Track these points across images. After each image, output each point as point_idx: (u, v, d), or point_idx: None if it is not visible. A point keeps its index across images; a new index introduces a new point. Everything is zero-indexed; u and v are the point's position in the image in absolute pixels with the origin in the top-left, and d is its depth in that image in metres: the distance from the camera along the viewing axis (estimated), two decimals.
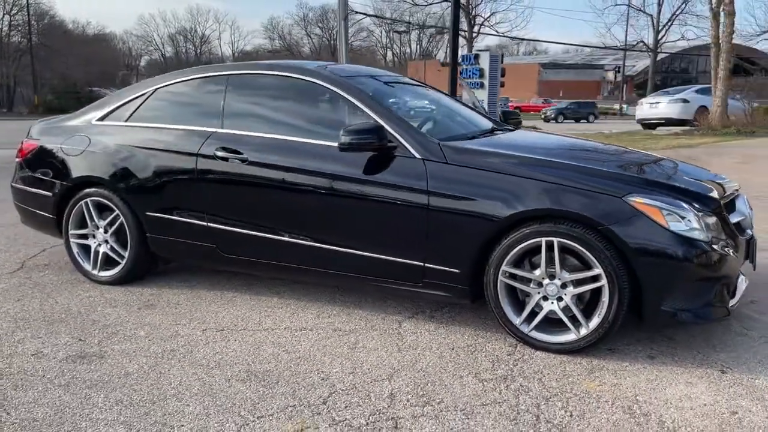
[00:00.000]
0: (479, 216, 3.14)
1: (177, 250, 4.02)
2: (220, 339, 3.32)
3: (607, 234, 2.93)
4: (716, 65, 18.11)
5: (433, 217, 3.24)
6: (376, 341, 3.29)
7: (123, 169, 4.00)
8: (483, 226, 3.14)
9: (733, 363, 3.02)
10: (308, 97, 3.81)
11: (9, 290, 4.14)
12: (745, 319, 3.56)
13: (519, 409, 2.60)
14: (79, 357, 3.11)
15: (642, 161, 3.74)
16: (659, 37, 28.97)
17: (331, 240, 3.52)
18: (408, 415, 2.55)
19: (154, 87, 4.17)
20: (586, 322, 3.04)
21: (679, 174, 3.48)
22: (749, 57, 43.10)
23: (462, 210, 3.18)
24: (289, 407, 2.61)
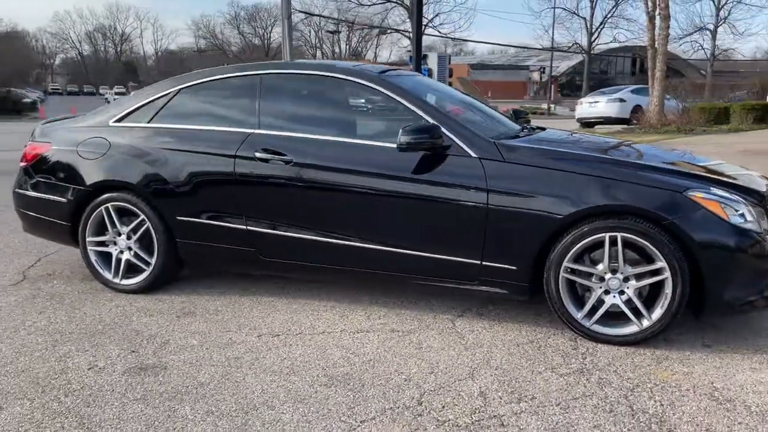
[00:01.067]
0: (541, 213, 3.19)
1: (210, 255, 3.89)
2: (281, 345, 3.24)
3: (671, 228, 3.03)
4: (653, 66, 18.96)
5: (492, 215, 3.26)
6: (438, 341, 3.28)
7: (150, 173, 3.84)
8: (545, 223, 3.19)
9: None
10: (353, 98, 3.76)
11: (24, 303, 3.90)
12: None
13: (609, 401, 2.66)
14: (141, 369, 2.97)
15: (681, 157, 3.88)
16: (592, 39, 30.05)
17: (382, 240, 3.49)
18: (508, 413, 2.56)
19: (178, 87, 4.02)
20: (648, 314, 3.14)
21: (723, 168, 3.64)
22: None
23: (523, 207, 3.22)
24: (387, 410, 2.58)
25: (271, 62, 4.34)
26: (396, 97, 3.58)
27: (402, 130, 3.30)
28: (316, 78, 3.85)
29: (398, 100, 3.57)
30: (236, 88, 3.94)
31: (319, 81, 3.84)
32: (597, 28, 29.64)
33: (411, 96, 3.59)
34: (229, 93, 3.96)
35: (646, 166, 3.31)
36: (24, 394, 2.73)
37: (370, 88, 3.66)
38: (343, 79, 3.74)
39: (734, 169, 3.76)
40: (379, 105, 3.80)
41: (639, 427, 2.45)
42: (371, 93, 3.70)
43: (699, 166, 3.62)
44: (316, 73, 3.86)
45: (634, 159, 3.47)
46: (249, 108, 3.83)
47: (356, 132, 3.67)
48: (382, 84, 3.64)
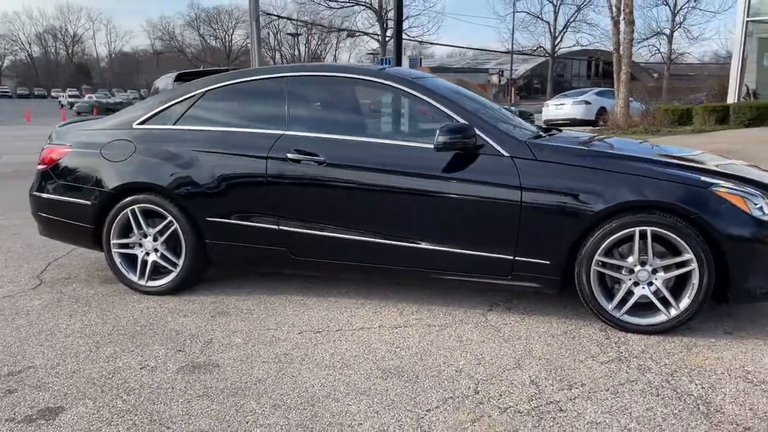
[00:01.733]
0: (574, 209, 3.34)
1: (240, 255, 3.93)
2: (324, 341, 3.31)
3: (699, 222, 3.20)
4: (618, 70, 19.49)
5: (525, 211, 3.40)
6: (476, 334, 3.40)
7: (179, 174, 3.87)
8: (578, 218, 3.33)
9: None
10: (383, 99, 3.85)
11: (50, 306, 3.88)
12: None
13: (654, 385, 2.81)
14: (194, 367, 3.00)
15: (698, 156, 4.05)
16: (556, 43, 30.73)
17: (416, 238, 3.59)
18: (563, 398, 2.69)
19: (204, 89, 4.05)
20: (676, 304, 3.31)
21: (734, 165, 3.85)
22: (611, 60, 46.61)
23: (556, 204, 3.36)
24: (448, 399, 2.68)
25: (299, 64, 4.40)
26: (427, 98, 3.68)
27: (439, 130, 3.41)
28: (344, 80, 3.94)
29: (429, 102, 3.67)
30: (263, 89, 3.99)
31: (347, 83, 3.93)
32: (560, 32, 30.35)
33: (441, 98, 3.70)
34: (256, 95, 4.01)
35: (670, 163, 3.48)
36: (83, 394, 2.75)
37: (400, 90, 3.75)
38: (372, 81, 3.83)
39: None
40: (407, 107, 3.89)
41: (688, 409, 2.60)
42: (401, 95, 3.79)
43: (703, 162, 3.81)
44: (345, 76, 3.94)
45: (658, 156, 3.63)
46: (278, 110, 3.89)
47: (385, 133, 3.76)
48: (412, 86, 3.74)
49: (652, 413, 2.57)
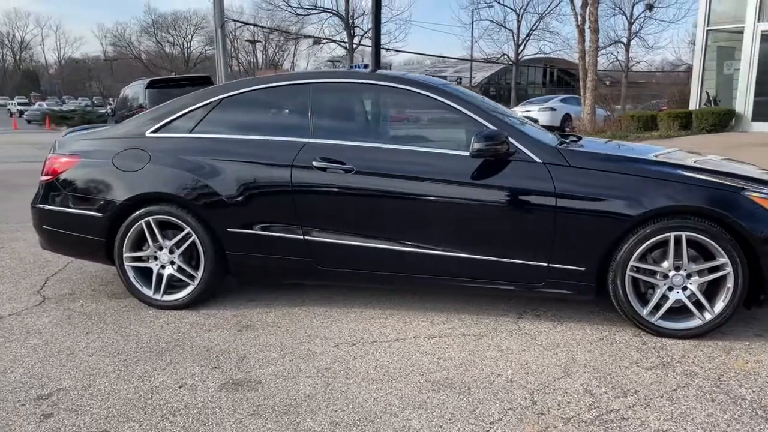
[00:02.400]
0: (609, 215, 3.34)
1: (263, 267, 3.82)
2: (363, 353, 3.23)
3: (733, 226, 3.24)
4: (584, 77, 19.88)
5: (560, 218, 3.38)
6: (514, 343, 3.36)
7: (198, 184, 3.74)
8: (613, 224, 3.33)
9: None
10: (410, 107, 3.80)
11: (62, 324, 3.70)
12: None
13: (705, 390, 2.81)
14: (236, 384, 2.89)
15: (721, 162, 4.08)
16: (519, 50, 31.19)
17: (447, 246, 3.54)
18: (622, 407, 2.67)
19: (221, 96, 3.93)
20: (711, 308, 3.33)
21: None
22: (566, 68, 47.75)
23: (592, 210, 3.36)
24: (508, 410, 2.64)
25: (320, 71, 4.33)
26: (456, 105, 3.64)
27: (475, 137, 3.37)
28: (370, 87, 3.87)
29: (458, 109, 3.63)
30: (284, 97, 3.90)
31: (372, 90, 3.86)
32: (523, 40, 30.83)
33: (470, 104, 3.66)
34: (276, 102, 3.91)
35: (702, 169, 3.51)
36: (126, 417, 2.61)
37: (428, 96, 3.70)
38: (399, 88, 3.77)
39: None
40: (432, 113, 3.84)
41: (747, 413, 2.61)
42: (429, 102, 3.74)
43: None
44: (370, 83, 3.87)
45: (686, 162, 3.66)
46: (300, 117, 3.80)
47: (412, 140, 3.71)
48: (440, 93, 3.70)
49: (714, 419, 2.57)
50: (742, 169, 3.81)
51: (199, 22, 64.82)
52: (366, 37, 28.21)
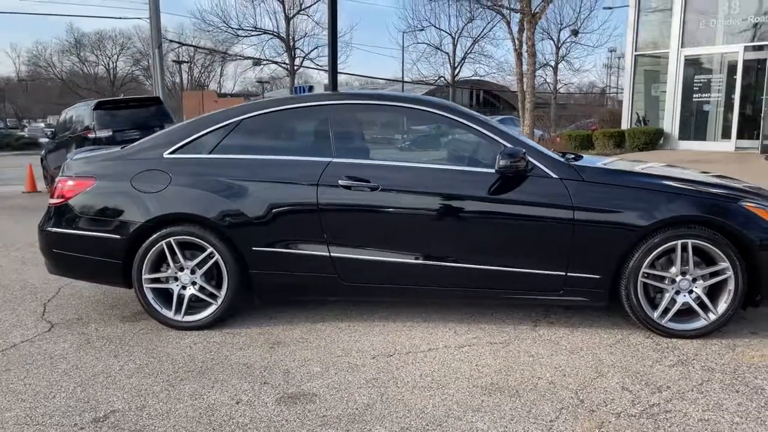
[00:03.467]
0: (623, 225, 3.60)
1: (287, 285, 3.88)
2: (403, 364, 3.34)
3: (734, 233, 3.56)
4: (523, 99, 20.69)
5: (578, 229, 3.62)
6: (541, 348, 3.55)
7: (222, 204, 3.77)
8: (627, 234, 3.59)
9: None
10: (429, 126, 3.97)
11: (84, 348, 3.64)
12: None
13: (728, 383, 3.08)
14: (292, 398, 2.95)
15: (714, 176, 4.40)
16: (455, 73, 32.13)
17: (470, 259, 3.72)
18: (661, 401, 2.90)
19: (240, 118, 3.98)
20: (714, 309, 3.63)
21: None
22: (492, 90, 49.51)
23: (607, 221, 3.61)
24: (562, 409, 2.81)
25: (341, 92, 4.43)
26: (473, 125, 3.84)
27: (500, 154, 3.58)
28: (390, 108, 4.02)
29: (475, 128, 3.83)
30: (304, 117, 4.00)
31: (392, 111, 4.01)
32: (459, 62, 31.80)
33: (485, 124, 3.87)
34: (296, 123, 4.01)
35: (702, 182, 3.83)
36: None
37: (446, 117, 3.89)
38: (418, 109, 3.94)
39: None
40: (452, 131, 4.02)
41: (765, 398, 2.88)
42: (447, 122, 3.92)
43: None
44: (390, 104, 4.02)
45: (685, 176, 3.98)
46: (322, 137, 3.91)
47: (434, 158, 3.88)
48: (457, 114, 3.89)
49: (745, 407, 2.82)
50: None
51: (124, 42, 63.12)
52: (308, 58, 28.48)
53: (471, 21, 29.34)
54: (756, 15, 16.39)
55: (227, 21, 28.44)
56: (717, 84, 17.04)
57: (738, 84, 16.22)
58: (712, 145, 16.86)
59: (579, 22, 29.60)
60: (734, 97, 16.34)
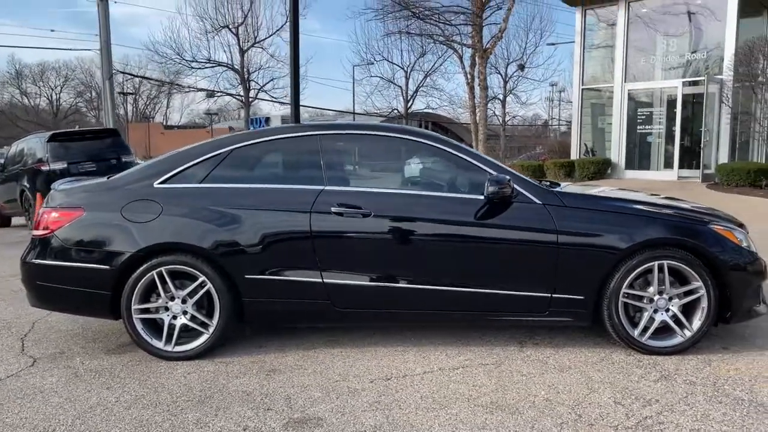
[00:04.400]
0: (604, 248, 3.79)
1: (280, 312, 3.92)
2: (402, 387, 3.41)
3: (706, 254, 3.79)
4: (476, 130, 21.23)
5: (562, 252, 3.80)
6: (531, 368, 3.68)
7: (216, 232, 3.80)
8: (608, 255, 3.79)
9: None
10: (416, 155, 4.11)
11: (73, 381, 3.58)
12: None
13: (710, 395, 3.26)
14: (299, 423, 2.99)
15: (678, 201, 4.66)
16: (408, 105, 32.70)
17: (461, 282, 3.84)
18: (653, 413, 3.05)
19: (230, 147, 4.04)
20: (690, 326, 3.84)
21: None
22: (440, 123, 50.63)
23: (588, 244, 3.80)
24: (563, 424, 2.93)
25: (330, 123, 4.53)
26: (459, 154, 4.00)
27: (488, 181, 3.74)
28: (380, 138, 4.15)
29: (461, 157, 3.99)
30: (294, 147, 4.08)
31: (382, 140, 4.14)
32: (411, 95, 32.44)
33: (471, 153, 4.04)
34: (286, 152, 4.09)
35: (674, 206, 4.08)
36: None
37: (433, 147, 4.04)
38: (405, 138, 4.09)
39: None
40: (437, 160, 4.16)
41: (752, 410, 3.07)
42: (434, 151, 4.07)
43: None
44: (381, 134, 4.16)
45: (653, 200, 4.22)
46: (313, 166, 3.99)
47: (423, 185, 4.02)
48: (444, 143, 4.05)
49: (730, 417, 3.00)
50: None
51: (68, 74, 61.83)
52: (263, 90, 28.53)
53: (423, 56, 29.98)
54: (690, 53, 17.38)
55: (181, 53, 28.33)
56: (659, 117, 17.91)
57: (678, 117, 17.07)
58: (656, 174, 17.62)
59: (525, 57, 30.64)
60: (675, 129, 17.17)
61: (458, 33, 21.01)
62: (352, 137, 4.20)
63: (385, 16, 20.33)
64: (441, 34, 21.03)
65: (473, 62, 20.70)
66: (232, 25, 28.42)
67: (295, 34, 11.43)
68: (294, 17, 11.48)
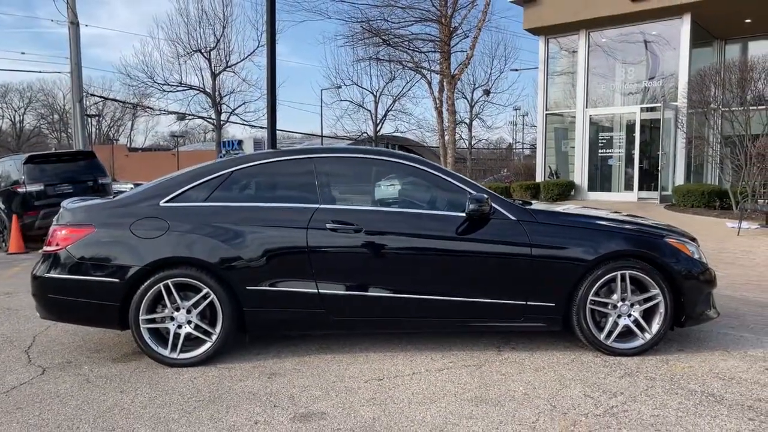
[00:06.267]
0: (573, 259, 4.22)
1: (278, 321, 4.23)
2: (394, 386, 3.75)
3: (663, 265, 4.24)
4: (444, 153, 21.81)
5: (536, 263, 4.21)
6: (510, 368, 4.06)
7: (219, 247, 4.12)
8: (576, 266, 4.21)
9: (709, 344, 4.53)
10: (401, 176, 4.49)
11: (86, 387, 3.84)
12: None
13: (667, 389, 3.68)
14: (305, 417, 3.30)
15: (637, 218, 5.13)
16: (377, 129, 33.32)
17: (445, 292, 4.22)
18: (618, 403, 3.45)
19: (232, 169, 4.38)
20: (650, 329, 4.28)
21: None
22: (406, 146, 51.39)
23: (559, 256, 4.23)
24: (540, 413, 3.31)
25: (323, 147, 4.91)
26: (442, 176, 4.41)
27: (469, 199, 4.14)
28: (370, 161, 4.54)
29: (444, 178, 4.40)
30: (290, 169, 4.44)
31: (371, 163, 4.53)
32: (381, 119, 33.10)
33: (452, 175, 4.46)
34: (283, 174, 4.43)
35: (632, 221, 4.54)
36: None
37: (418, 169, 4.44)
38: (393, 161, 4.49)
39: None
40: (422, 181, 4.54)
41: (704, 400, 3.50)
42: (419, 173, 4.46)
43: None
44: (370, 157, 4.56)
45: (615, 217, 4.68)
46: (308, 186, 4.35)
47: (410, 203, 4.41)
48: (427, 166, 4.46)
49: (684, 405, 3.42)
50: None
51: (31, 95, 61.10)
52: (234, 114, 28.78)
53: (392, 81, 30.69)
54: (648, 80, 18.28)
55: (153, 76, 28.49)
56: (619, 141, 18.72)
57: (637, 141, 17.90)
58: (617, 196, 18.36)
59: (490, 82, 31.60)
60: (634, 153, 17.98)
61: (427, 60, 21.68)
62: (348, 160, 4.58)
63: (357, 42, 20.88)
64: (410, 60, 21.66)
65: (441, 88, 21.33)
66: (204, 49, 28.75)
67: (272, 60, 11.78)
68: (271, 43, 11.84)
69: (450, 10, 19.67)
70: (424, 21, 19.38)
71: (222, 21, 28.92)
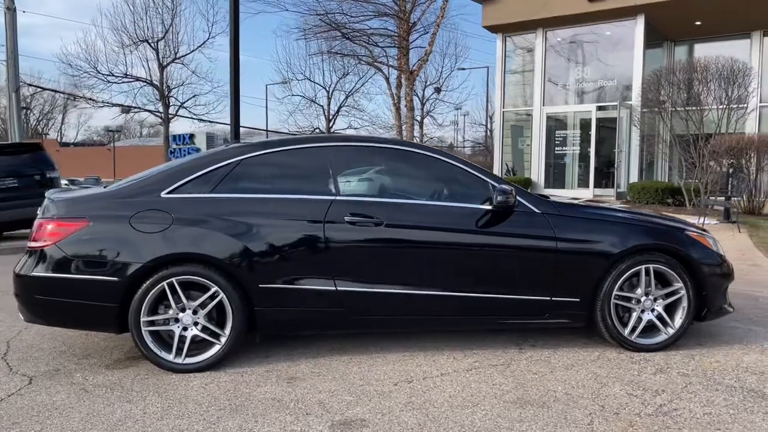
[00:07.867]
0: (599, 253, 4.09)
1: (293, 320, 3.94)
2: (427, 388, 3.53)
3: (686, 258, 4.17)
4: None
5: (561, 258, 4.06)
6: (539, 366, 3.90)
7: (229, 243, 3.80)
8: (602, 260, 4.09)
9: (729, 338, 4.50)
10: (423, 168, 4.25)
11: (86, 396, 3.47)
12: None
13: (705, 385, 3.59)
14: (344, 424, 3.05)
15: (650, 213, 5.09)
16: (330, 125, 32.86)
17: (469, 288, 4.02)
18: (664, 401, 3.33)
19: (240, 158, 4.05)
20: (673, 324, 4.20)
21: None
22: None
23: (585, 250, 4.09)
24: (591, 414, 3.16)
25: (339, 135, 4.59)
26: (464, 167, 4.21)
27: (495, 191, 3.95)
28: (387, 151, 4.29)
29: (466, 170, 4.20)
30: (304, 158, 4.14)
31: (389, 153, 4.28)
32: (333, 115, 32.66)
33: (475, 167, 4.25)
34: (296, 163, 4.13)
35: (649, 214, 4.45)
36: None
37: (440, 160, 4.22)
38: (410, 151, 4.25)
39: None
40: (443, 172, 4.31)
41: (747, 395, 3.41)
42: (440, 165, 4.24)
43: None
44: (388, 147, 4.31)
45: (633, 210, 4.58)
46: (323, 177, 4.07)
47: (430, 195, 4.19)
48: (450, 157, 4.25)
49: (730, 401, 3.33)
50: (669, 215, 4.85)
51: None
52: (183, 107, 27.79)
53: (345, 76, 30.34)
54: (603, 79, 18.60)
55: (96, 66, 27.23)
56: (575, 138, 18.98)
57: (593, 139, 18.17)
58: (573, 193, 18.59)
59: (441, 80, 31.67)
60: (590, 151, 18.26)
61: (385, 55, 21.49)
62: (366, 150, 4.30)
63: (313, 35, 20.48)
64: (368, 55, 21.41)
65: (399, 83, 21.18)
66: (151, 39, 27.69)
67: (235, 51, 11.35)
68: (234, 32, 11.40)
69: (409, 5, 19.52)
70: (383, 15, 19.17)
71: (170, 11, 27.96)
